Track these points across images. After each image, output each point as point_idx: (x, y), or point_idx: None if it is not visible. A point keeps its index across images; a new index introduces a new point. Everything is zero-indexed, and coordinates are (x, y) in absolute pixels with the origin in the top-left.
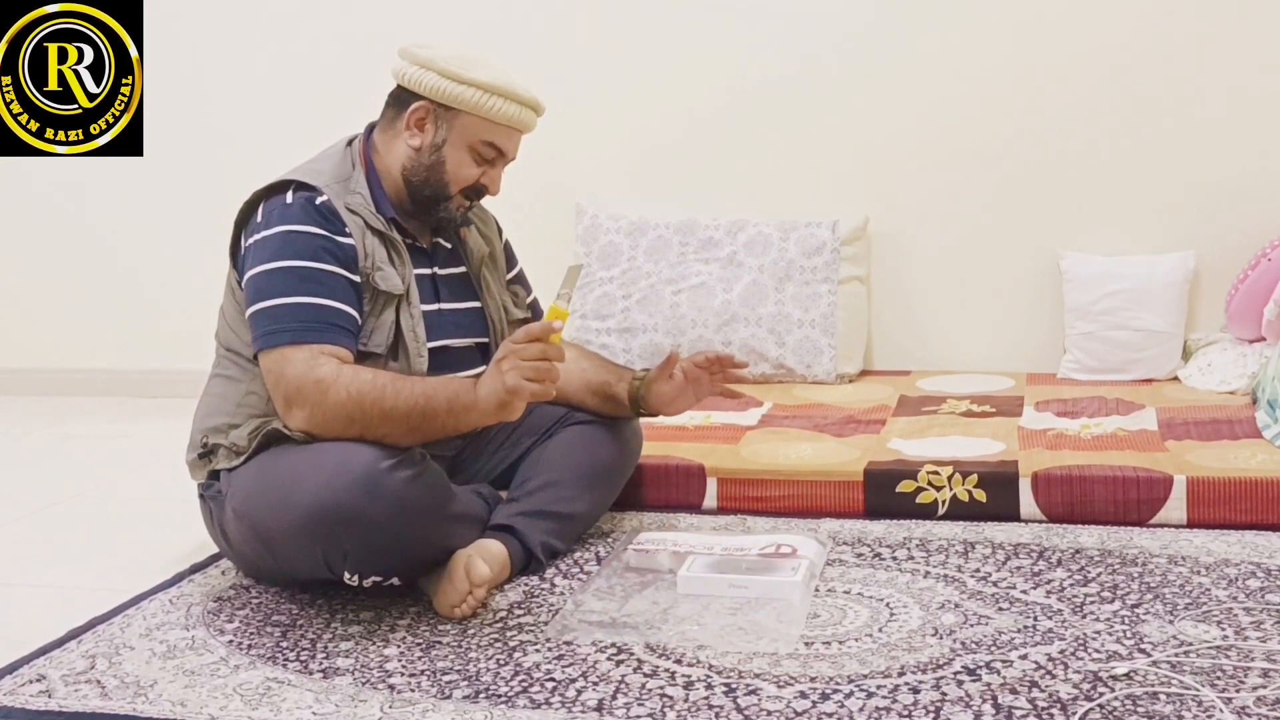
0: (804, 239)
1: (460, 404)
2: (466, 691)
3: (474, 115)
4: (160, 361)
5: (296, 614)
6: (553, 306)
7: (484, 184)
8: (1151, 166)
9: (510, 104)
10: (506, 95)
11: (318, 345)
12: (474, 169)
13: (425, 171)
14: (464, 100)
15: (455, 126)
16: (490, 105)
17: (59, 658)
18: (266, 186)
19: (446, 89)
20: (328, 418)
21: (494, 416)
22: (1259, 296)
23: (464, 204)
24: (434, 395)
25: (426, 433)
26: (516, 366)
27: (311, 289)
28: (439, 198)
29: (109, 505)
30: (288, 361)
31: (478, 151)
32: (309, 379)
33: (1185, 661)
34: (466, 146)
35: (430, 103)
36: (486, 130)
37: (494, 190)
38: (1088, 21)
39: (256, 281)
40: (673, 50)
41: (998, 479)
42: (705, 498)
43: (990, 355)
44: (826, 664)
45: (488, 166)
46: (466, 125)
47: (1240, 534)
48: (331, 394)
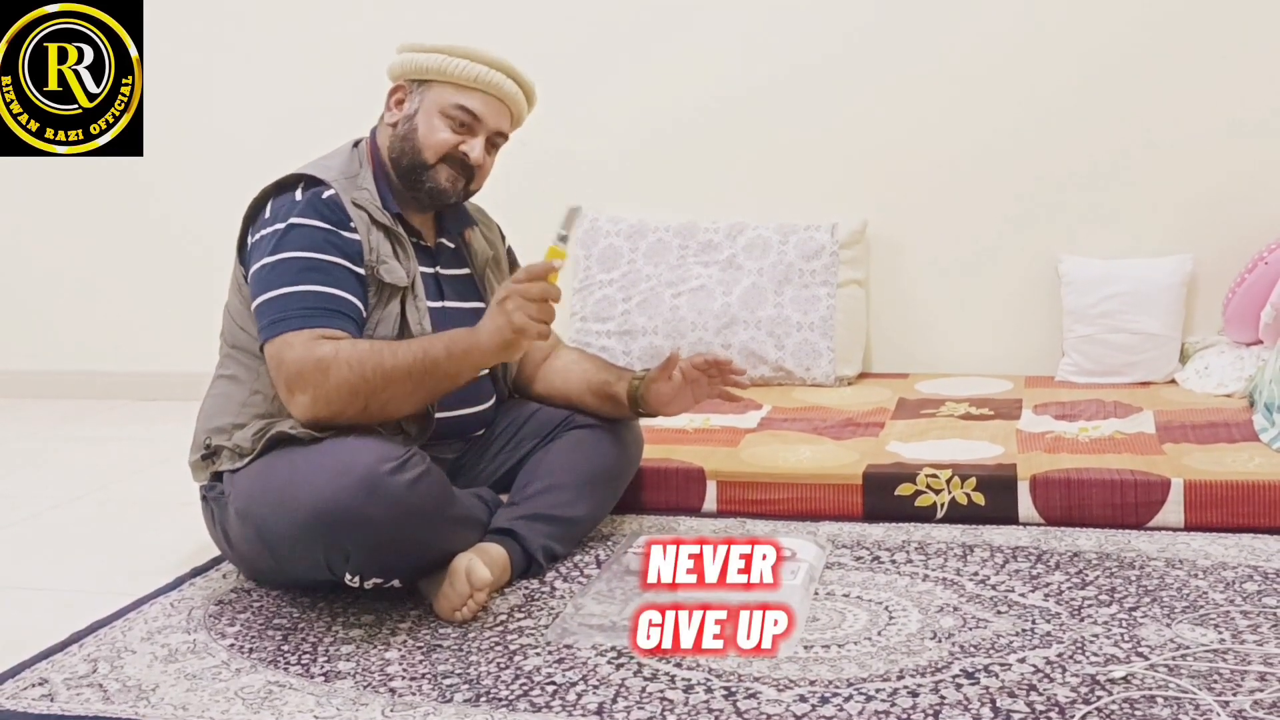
0: (803, 242)
1: (459, 348)
2: (467, 695)
3: (442, 82)
4: (161, 364)
5: (298, 617)
6: (551, 247)
7: (464, 151)
8: (1149, 170)
9: (475, 65)
10: (471, 57)
11: (317, 329)
12: (448, 134)
13: (401, 143)
14: (429, 68)
15: (427, 96)
16: (453, 67)
17: (61, 661)
18: (276, 182)
19: (413, 60)
20: (332, 395)
21: (496, 356)
22: (1256, 300)
23: (452, 175)
24: (431, 346)
25: (432, 388)
26: (522, 306)
27: (314, 278)
28: (418, 167)
29: (110, 508)
30: (287, 346)
31: (449, 115)
32: (309, 360)
33: (1183, 665)
34: (437, 112)
35: (406, 82)
36: (454, 94)
37: (476, 159)
38: (1085, 26)
39: (261, 274)
40: (673, 53)
41: (996, 482)
42: (705, 501)
43: (988, 358)
44: (826, 667)
45: (465, 135)
46: (437, 93)
47: (1237, 537)
48: (333, 371)
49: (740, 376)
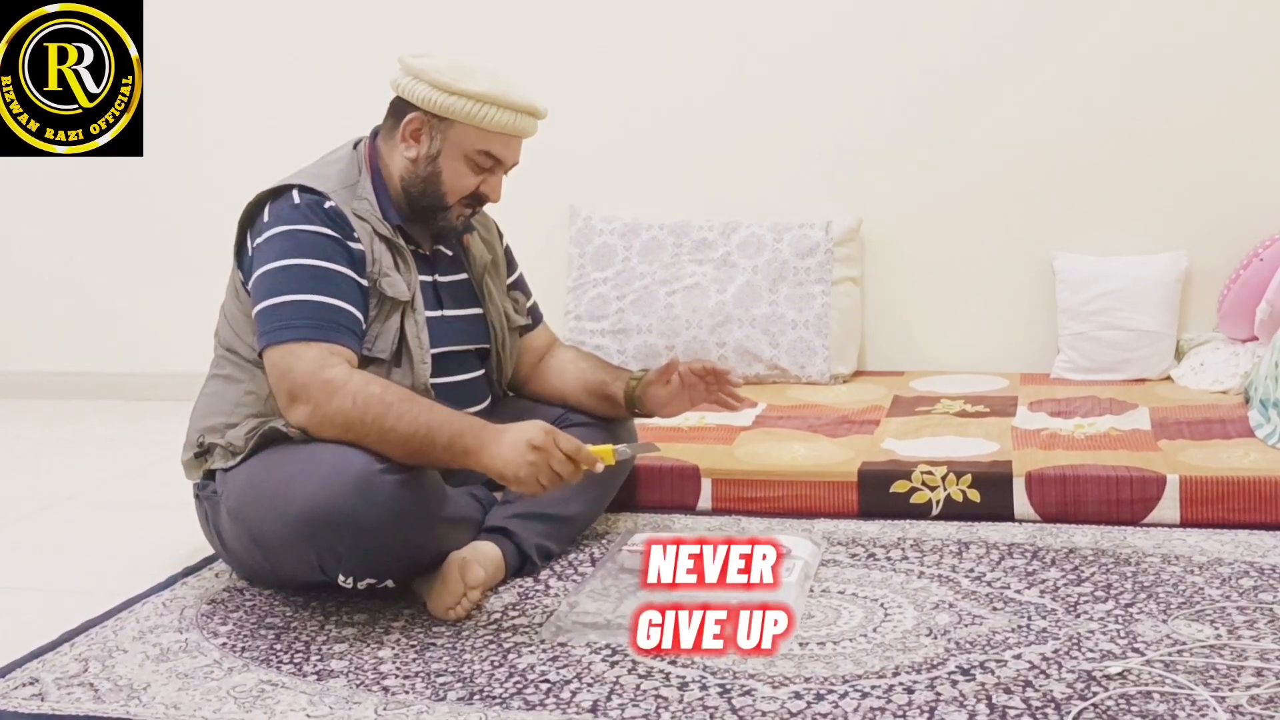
0: (797, 240)
1: (460, 446)
2: (461, 693)
3: (467, 125)
4: (157, 365)
5: (290, 616)
6: (608, 448)
7: (483, 192)
8: (1143, 167)
9: (504, 112)
10: (499, 104)
11: (328, 344)
12: (471, 178)
13: (422, 183)
14: (456, 111)
15: (449, 137)
16: (483, 115)
17: (52, 661)
18: (271, 189)
19: (438, 100)
20: (327, 420)
21: (491, 474)
22: (1251, 296)
23: (464, 213)
24: (436, 430)
25: (420, 460)
26: (542, 468)
27: (322, 287)
28: (437, 208)
29: (101, 508)
30: (296, 358)
31: (474, 161)
32: (318, 378)
33: (1179, 660)
34: (462, 156)
35: (424, 114)
36: (481, 139)
37: (494, 198)
38: (1080, 24)
39: (266, 278)
40: (666, 52)
41: (991, 479)
42: (700, 499)
43: (984, 355)
44: (821, 664)
45: (486, 175)
46: (461, 135)
47: (1233, 533)
48: (337, 398)
49: (736, 388)
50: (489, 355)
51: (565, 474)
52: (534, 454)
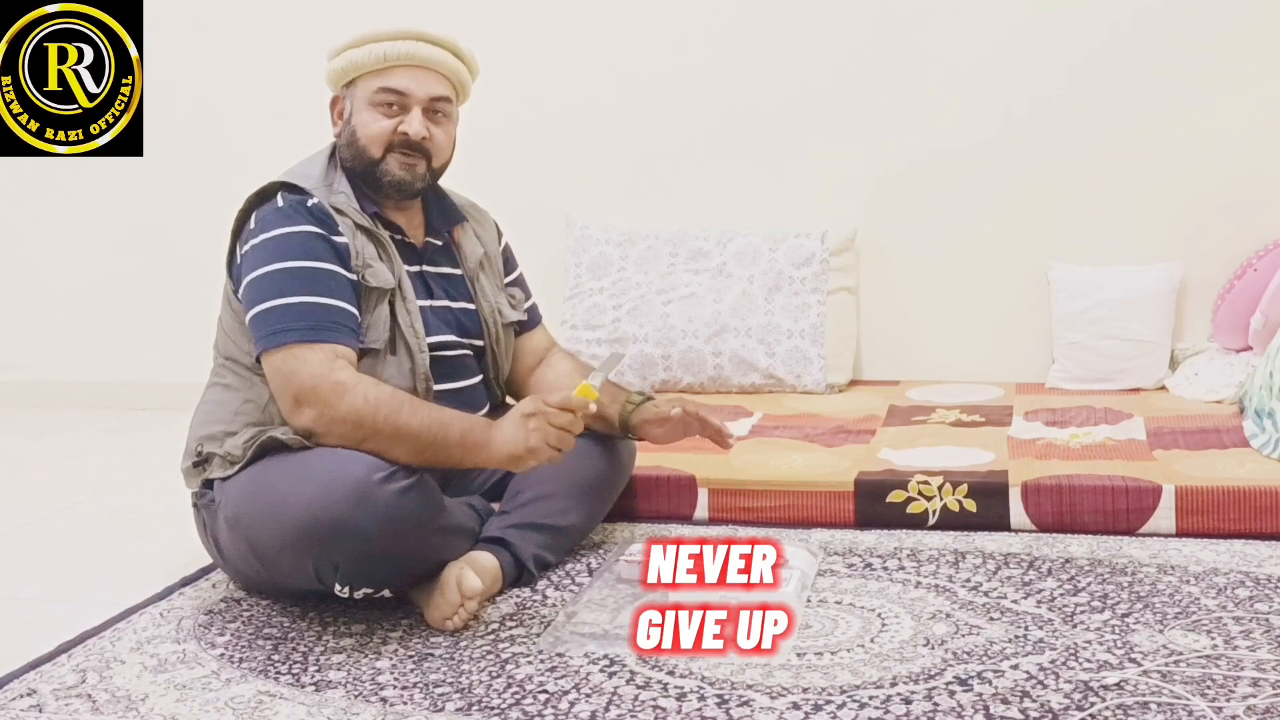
0: (793, 250)
1: (472, 440)
2: (459, 704)
3: (361, 75)
4: (155, 373)
5: (288, 627)
6: (584, 385)
7: (404, 132)
8: (1139, 177)
9: (381, 44)
10: (374, 39)
11: (331, 345)
12: (384, 121)
13: (349, 149)
14: (346, 67)
15: (355, 95)
16: (364, 55)
17: (49, 672)
18: (256, 192)
19: (333, 68)
20: (337, 420)
21: (502, 464)
22: (1245, 306)
23: (405, 162)
24: (449, 425)
25: (431, 459)
26: (543, 429)
27: (315, 288)
28: (369, 165)
29: (98, 518)
30: (301, 361)
31: (379, 103)
32: (327, 380)
33: (1176, 671)
34: (367, 105)
35: (340, 90)
36: (375, 80)
37: (415, 132)
38: (1075, 34)
39: (257, 284)
40: (664, 61)
41: (987, 489)
42: (696, 509)
43: (979, 365)
44: (819, 675)
45: (400, 115)
46: (360, 88)
47: (1229, 543)
48: (348, 398)
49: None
50: (485, 355)
51: (566, 424)
52: (531, 420)
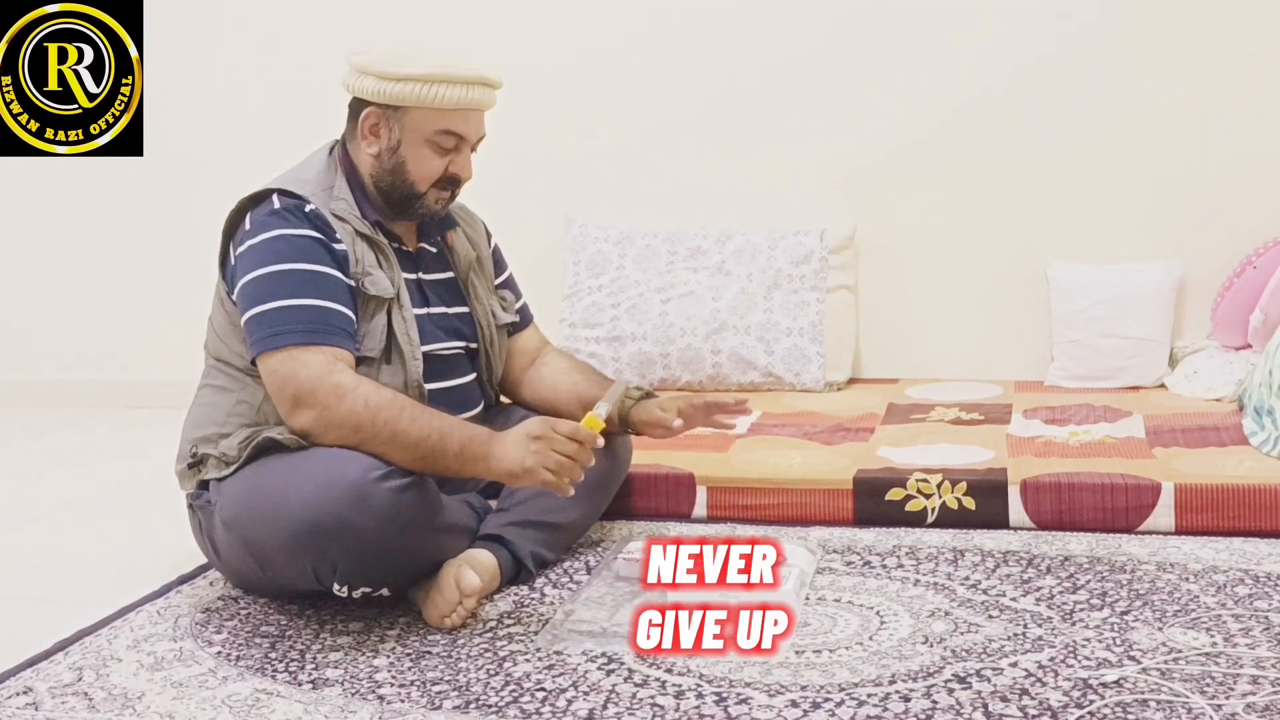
0: (792, 247)
1: (470, 453)
2: (457, 702)
3: (420, 108)
4: (155, 373)
5: (285, 625)
6: (590, 417)
7: (454, 173)
8: (1138, 175)
9: (454, 88)
10: (447, 80)
11: (330, 348)
12: (437, 161)
13: (390, 176)
14: (405, 97)
15: (406, 124)
16: (433, 95)
17: (46, 670)
18: (251, 195)
19: (386, 90)
20: (336, 422)
21: (500, 478)
22: (1245, 304)
23: (441, 196)
24: (448, 435)
25: (428, 467)
26: (544, 454)
27: (313, 291)
28: (411, 197)
29: (95, 517)
30: (300, 363)
31: (436, 143)
32: (327, 381)
33: (1175, 668)
34: (423, 141)
35: (377, 107)
36: (438, 120)
37: (466, 175)
38: (1074, 31)
39: (253, 286)
40: (661, 59)
41: (986, 486)
42: (695, 507)
43: (978, 363)
44: (817, 672)
45: (452, 154)
46: (417, 120)
47: (1228, 541)
48: (348, 400)
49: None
50: (478, 356)
51: (571, 452)
52: (535, 443)
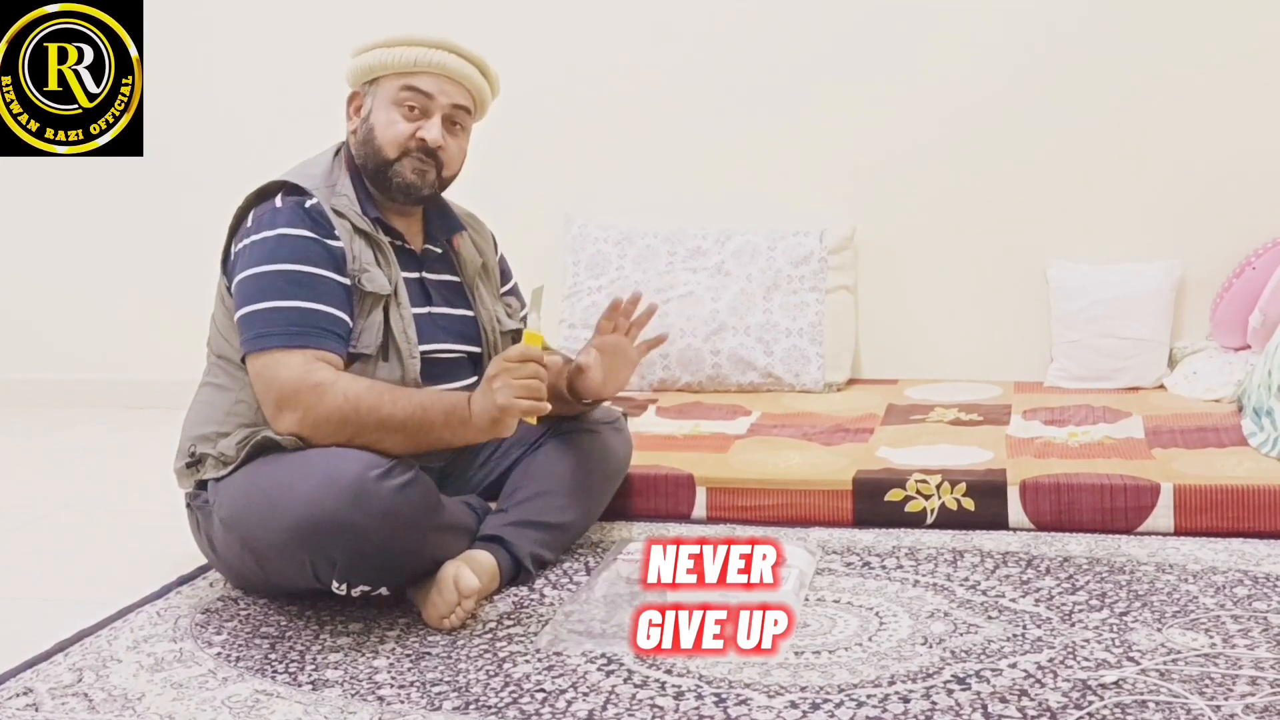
0: (791, 248)
1: (456, 418)
2: (456, 703)
3: (387, 75)
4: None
5: (285, 625)
6: (526, 332)
7: (422, 137)
8: (1137, 175)
9: (414, 49)
10: (408, 43)
11: (312, 350)
12: (404, 124)
13: (363, 146)
14: (373, 65)
15: (378, 94)
16: (393, 56)
17: (46, 671)
18: (257, 190)
19: (358, 64)
20: (321, 420)
21: (487, 433)
22: (1244, 304)
23: (419, 167)
24: (431, 407)
25: (420, 444)
26: (508, 385)
27: (302, 293)
28: (382, 165)
29: (95, 517)
30: (281, 365)
31: (400, 104)
32: (306, 382)
33: (1174, 669)
34: (389, 104)
35: (360, 87)
36: (400, 81)
37: (433, 138)
38: (1073, 32)
39: (246, 285)
40: (661, 59)
41: (986, 487)
42: (694, 507)
43: (977, 363)
44: (817, 673)
45: (421, 119)
46: (384, 87)
47: (1227, 541)
48: (328, 397)
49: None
50: (480, 360)
51: (530, 373)
52: (498, 381)
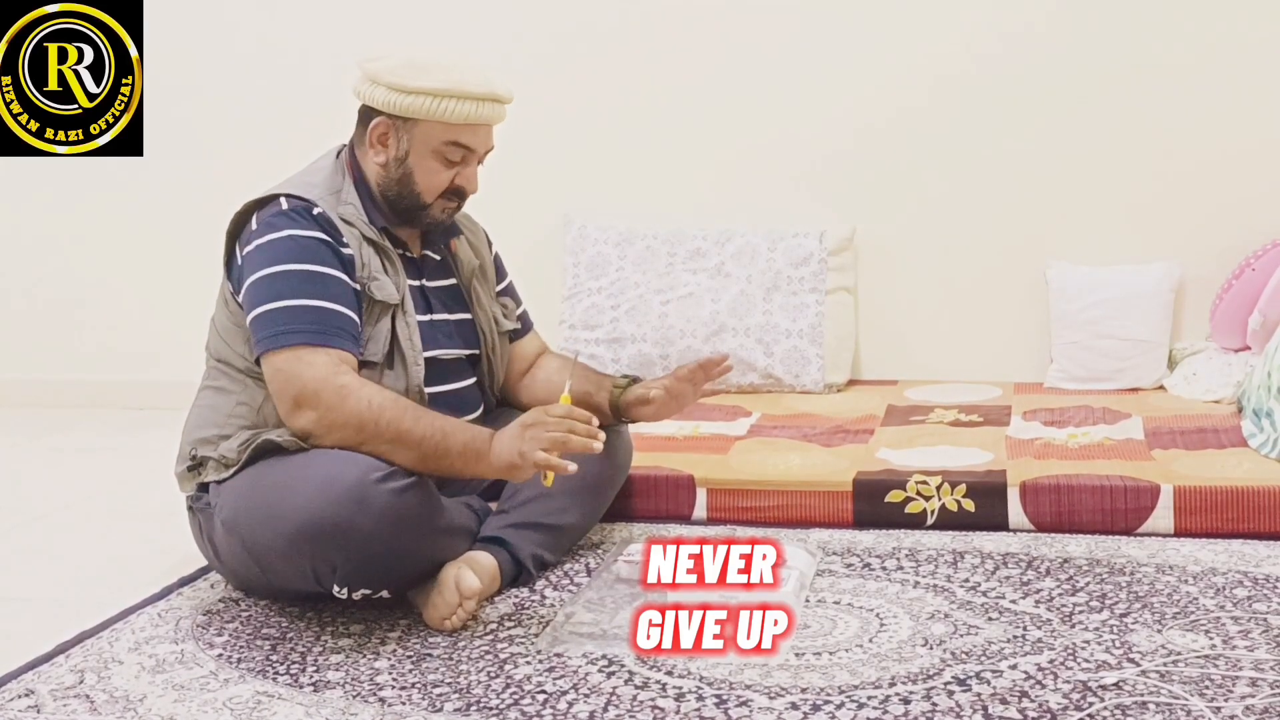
0: (791, 249)
1: (473, 451)
2: (458, 704)
3: (430, 121)
4: (155, 373)
5: (286, 627)
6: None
7: (460, 185)
8: (1137, 177)
9: (464, 103)
10: (458, 95)
11: (335, 350)
12: (444, 173)
13: (397, 185)
14: (416, 109)
15: (415, 136)
16: (443, 109)
17: (47, 672)
18: (257, 199)
19: (397, 101)
20: (339, 422)
21: (500, 473)
22: (1243, 305)
23: (448, 207)
24: (451, 434)
25: (430, 466)
26: (537, 437)
27: (320, 292)
28: (417, 208)
29: (96, 518)
30: (305, 363)
31: (443, 155)
32: (331, 382)
33: (1174, 670)
34: (430, 153)
35: (387, 117)
36: (446, 133)
37: (472, 188)
38: (1074, 33)
39: (261, 285)
40: (660, 60)
41: (986, 488)
42: (695, 508)
43: (977, 364)
44: (817, 675)
45: (459, 167)
46: (425, 132)
47: (1227, 543)
48: (352, 400)
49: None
50: (480, 361)
51: (565, 429)
52: (529, 430)
